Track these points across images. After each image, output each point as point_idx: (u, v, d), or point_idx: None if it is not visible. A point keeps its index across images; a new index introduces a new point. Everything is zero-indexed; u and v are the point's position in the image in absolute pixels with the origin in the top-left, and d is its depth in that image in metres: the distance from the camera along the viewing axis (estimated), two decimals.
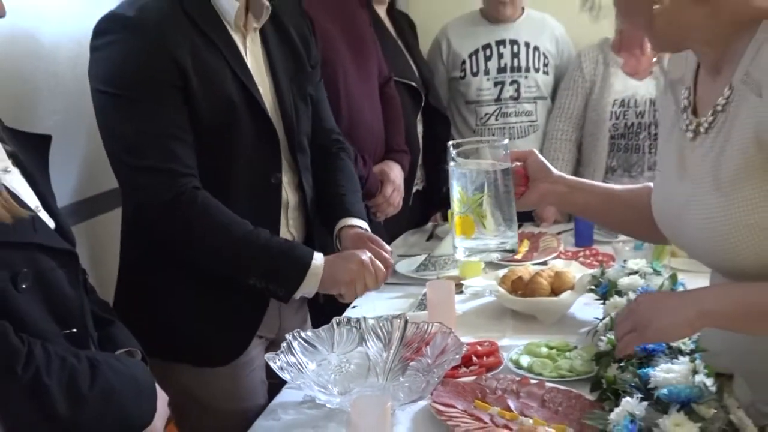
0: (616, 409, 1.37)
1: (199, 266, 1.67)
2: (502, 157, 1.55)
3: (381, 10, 2.92)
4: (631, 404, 1.35)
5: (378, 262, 1.72)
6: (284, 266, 1.67)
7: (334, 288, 1.71)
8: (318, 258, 1.68)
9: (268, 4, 1.76)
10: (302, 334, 1.68)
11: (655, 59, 2.94)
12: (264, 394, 1.81)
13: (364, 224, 1.90)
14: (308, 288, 1.67)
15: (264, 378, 1.83)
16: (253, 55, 1.77)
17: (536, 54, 3.08)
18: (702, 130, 1.29)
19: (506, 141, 1.59)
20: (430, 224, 3.01)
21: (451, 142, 1.56)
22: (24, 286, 1.14)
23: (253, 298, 1.74)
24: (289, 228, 1.84)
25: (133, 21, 1.60)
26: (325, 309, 1.83)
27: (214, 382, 1.71)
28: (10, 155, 1.24)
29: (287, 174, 1.81)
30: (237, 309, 1.71)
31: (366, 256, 1.71)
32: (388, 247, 1.83)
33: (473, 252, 1.60)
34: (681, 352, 1.55)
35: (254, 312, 1.78)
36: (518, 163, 1.60)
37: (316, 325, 1.77)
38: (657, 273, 1.95)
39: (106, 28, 1.63)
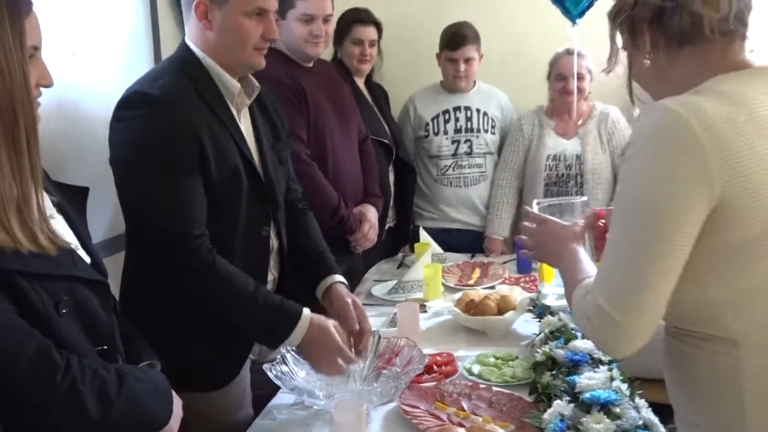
0: (549, 410, 1.38)
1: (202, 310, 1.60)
2: (581, 214, 1.47)
3: (360, 83, 2.95)
4: (561, 406, 1.37)
5: (348, 354, 1.63)
6: (275, 325, 1.59)
7: (309, 357, 1.63)
8: (303, 322, 1.58)
9: (257, 84, 1.74)
10: (293, 348, 1.68)
11: (580, 122, 2.98)
12: (250, 404, 1.76)
13: (343, 278, 1.85)
14: (291, 342, 1.59)
15: (249, 391, 1.77)
16: (244, 127, 1.72)
17: (485, 118, 3.11)
18: None
19: (585, 198, 1.52)
20: (399, 255, 3.00)
21: (535, 201, 1.51)
22: (64, 311, 1.13)
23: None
24: (271, 269, 1.78)
25: (157, 98, 1.53)
26: None
27: (213, 402, 1.64)
28: (55, 204, 1.23)
29: (271, 225, 1.75)
30: (233, 341, 1.66)
31: (338, 348, 1.61)
32: (366, 317, 1.76)
33: (559, 296, 1.63)
34: (601, 362, 1.56)
35: (246, 342, 1.72)
36: (601, 222, 1.44)
37: None
38: None
39: (132, 102, 1.56)
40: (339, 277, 1.84)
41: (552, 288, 1.69)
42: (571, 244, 1.29)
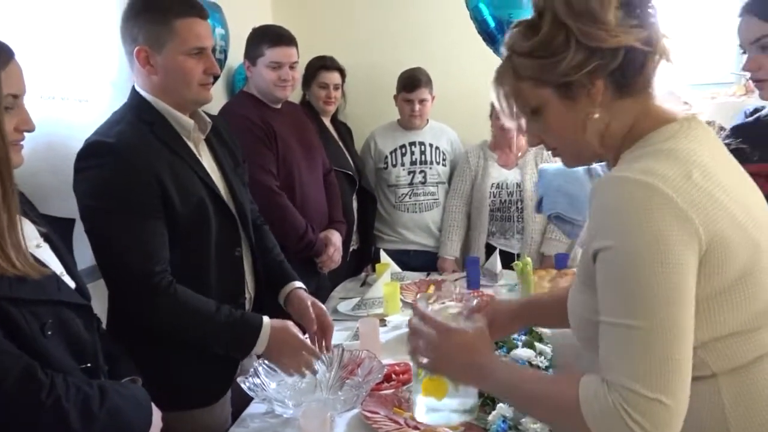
0: (493, 412, 1.38)
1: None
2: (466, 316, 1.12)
3: (326, 121, 2.97)
4: (503, 408, 1.37)
5: (312, 348, 1.62)
6: (240, 337, 1.55)
7: (276, 359, 1.60)
8: (265, 329, 1.55)
9: (209, 119, 1.69)
10: (265, 362, 1.65)
11: (519, 154, 3.03)
12: (229, 419, 1.71)
13: (302, 284, 1.83)
14: (258, 350, 1.56)
15: (230, 407, 1.73)
16: (206, 160, 1.68)
17: (437, 152, 3.14)
18: None
19: (475, 302, 1.17)
20: (363, 274, 2.99)
21: (419, 296, 1.22)
22: (50, 333, 1.10)
23: (230, 359, 1.66)
24: (248, 289, 1.74)
25: (114, 146, 1.46)
26: None
27: (201, 419, 1.61)
28: (42, 234, 1.21)
29: (243, 246, 1.72)
30: (219, 363, 1.64)
31: (302, 343, 1.59)
32: (326, 314, 1.76)
33: (436, 412, 1.11)
34: (539, 368, 1.57)
35: (231, 365, 1.69)
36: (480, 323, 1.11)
37: None
38: None
39: (91, 152, 1.49)
40: (298, 283, 1.82)
41: (430, 402, 1.10)
42: (494, 354, 1.05)
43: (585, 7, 0.91)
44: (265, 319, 1.58)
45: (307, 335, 1.71)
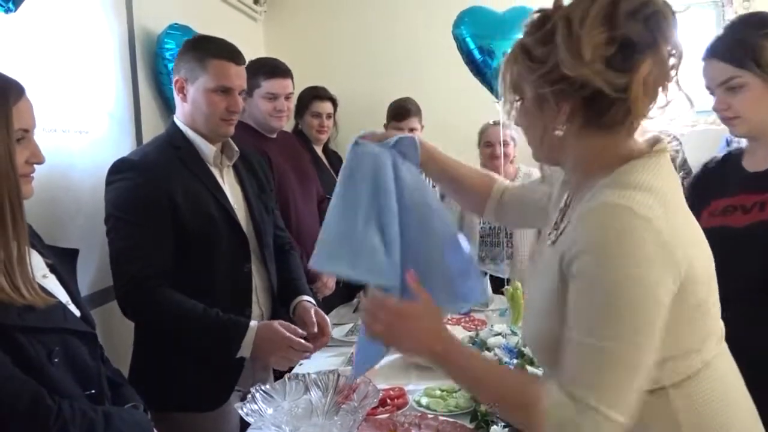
0: None
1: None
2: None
3: (318, 150, 3.02)
4: (497, 430, 1.39)
5: (298, 341, 1.69)
6: (225, 337, 1.66)
7: (264, 359, 1.71)
8: (250, 332, 1.65)
9: (237, 149, 1.84)
10: (262, 387, 1.66)
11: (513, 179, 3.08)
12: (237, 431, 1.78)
13: (311, 299, 1.94)
14: (243, 353, 1.66)
15: (238, 421, 1.79)
16: (229, 184, 1.82)
17: (429, 180, 3.18)
18: (550, 242, 1.06)
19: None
20: (356, 300, 3.00)
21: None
22: (56, 360, 1.13)
23: (233, 363, 1.73)
24: (260, 305, 1.84)
25: (136, 163, 1.68)
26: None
27: (202, 426, 1.69)
28: (49, 265, 1.24)
29: (256, 264, 1.83)
30: (221, 371, 1.71)
31: (287, 339, 1.67)
32: (327, 321, 1.87)
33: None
34: None
35: (233, 373, 1.77)
36: None
37: (277, 379, 1.75)
38: (514, 333, 2.01)
39: (119, 168, 1.69)
40: (307, 297, 1.92)
41: None
42: (450, 338, 1.07)
43: (576, 31, 0.92)
44: (252, 322, 1.67)
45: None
